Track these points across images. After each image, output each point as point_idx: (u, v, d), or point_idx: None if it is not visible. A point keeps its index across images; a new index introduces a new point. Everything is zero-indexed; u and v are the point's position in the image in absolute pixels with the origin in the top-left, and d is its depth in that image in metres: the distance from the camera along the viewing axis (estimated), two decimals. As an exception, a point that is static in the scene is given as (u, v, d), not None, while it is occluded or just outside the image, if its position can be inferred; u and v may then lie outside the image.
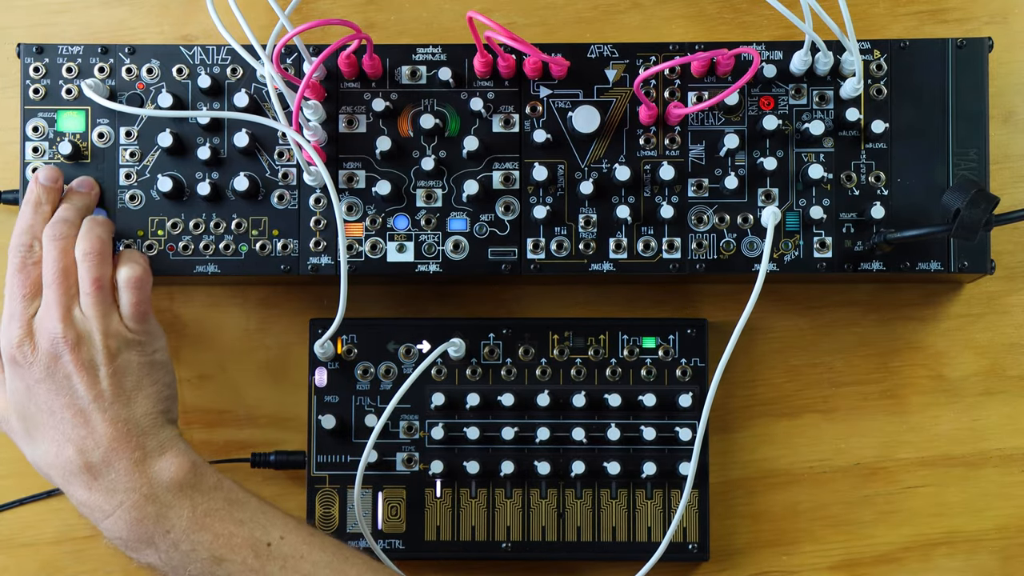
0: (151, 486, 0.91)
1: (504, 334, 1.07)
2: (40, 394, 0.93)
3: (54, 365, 0.92)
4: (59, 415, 0.92)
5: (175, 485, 0.91)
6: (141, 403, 0.94)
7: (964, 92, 1.03)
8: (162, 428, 0.94)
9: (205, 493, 0.92)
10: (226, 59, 1.04)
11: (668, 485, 1.06)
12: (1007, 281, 1.10)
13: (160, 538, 0.90)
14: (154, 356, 0.96)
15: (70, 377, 0.92)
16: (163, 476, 0.91)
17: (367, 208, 1.04)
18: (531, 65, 1.02)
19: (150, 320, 0.97)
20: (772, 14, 1.08)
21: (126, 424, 0.92)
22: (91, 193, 1.01)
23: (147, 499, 0.90)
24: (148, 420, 0.93)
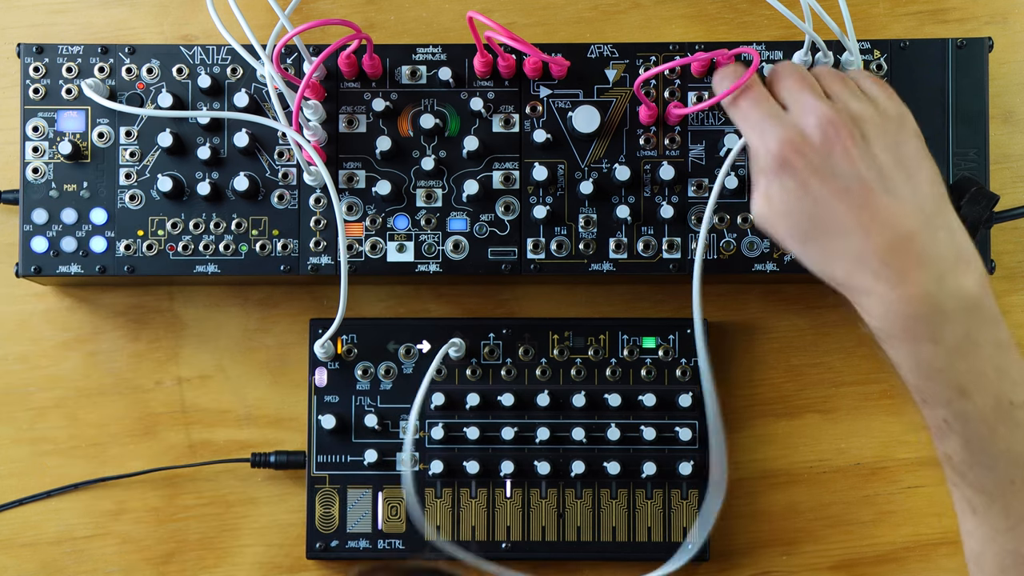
0: (939, 288, 0.80)
1: (504, 334, 1.07)
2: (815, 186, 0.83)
3: (826, 150, 0.83)
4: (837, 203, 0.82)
5: (964, 300, 0.80)
6: (923, 179, 0.84)
7: (964, 92, 1.03)
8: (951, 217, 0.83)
9: (983, 323, 0.81)
10: (226, 59, 1.04)
11: (668, 485, 1.06)
12: (1007, 281, 1.10)
13: (921, 344, 0.81)
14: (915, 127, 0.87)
15: (845, 159, 0.83)
16: (955, 283, 0.81)
17: (367, 208, 1.04)
18: (531, 65, 1.02)
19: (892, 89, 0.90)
20: (772, 14, 1.08)
21: (913, 203, 0.82)
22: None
23: (929, 300, 0.80)
24: (934, 204, 0.83)
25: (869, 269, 0.81)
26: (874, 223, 0.81)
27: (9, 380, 1.11)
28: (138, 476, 1.09)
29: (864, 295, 0.82)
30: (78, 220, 1.04)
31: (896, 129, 0.85)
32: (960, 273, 0.81)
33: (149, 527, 1.10)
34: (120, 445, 1.10)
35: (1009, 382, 0.81)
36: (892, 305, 0.81)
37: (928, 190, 0.84)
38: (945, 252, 0.81)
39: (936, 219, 0.82)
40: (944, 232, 0.82)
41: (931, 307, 0.80)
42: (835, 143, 0.83)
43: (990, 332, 0.81)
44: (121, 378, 1.10)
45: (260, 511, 1.10)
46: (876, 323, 0.82)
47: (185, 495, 1.10)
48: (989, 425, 0.80)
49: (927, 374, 0.81)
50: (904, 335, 0.81)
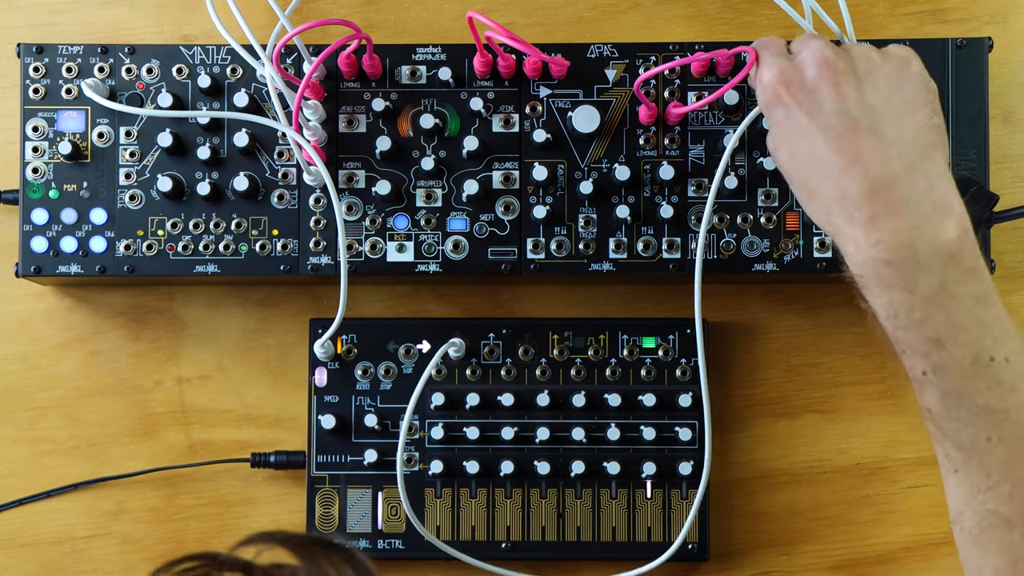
0: (914, 237, 0.79)
1: (504, 334, 1.07)
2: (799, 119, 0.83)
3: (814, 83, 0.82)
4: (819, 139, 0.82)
5: (940, 250, 0.79)
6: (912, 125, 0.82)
7: (964, 92, 1.03)
8: (936, 166, 0.82)
9: (961, 273, 0.79)
10: (226, 59, 1.04)
11: (668, 485, 1.06)
12: (1007, 281, 1.10)
13: (896, 293, 0.79)
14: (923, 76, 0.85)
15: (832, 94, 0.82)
16: (931, 232, 0.79)
17: (367, 208, 1.04)
18: (531, 65, 1.02)
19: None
20: (772, 14, 1.08)
21: (896, 147, 0.81)
22: None
23: (903, 248, 0.79)
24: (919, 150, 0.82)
25: (846, 211, 0.80)
26: (853, 164, 0.80)
27: (9, 380, 1.11)
28: (138, 476, 1.09)
29: (842, 238, 0.81)
30: (78, 220, 1.04)
31: (896, 72, 0.84)
32: (937, 223, 0.79)
33: (149, 527, 1.10)
34: (120, 445, 1.10)
35: (990, 337, 0.79)
36: (866, 250, 0.80)
37: (915, 136, 0.82)
38: (923, 200, 0.80)
39: (919, 166, 0.81)
40: (924, 179, 0.81)
41: (905, 255, 0.79)
42: (825, 78, 0.82)
43: (969, 285, 0.79)
44: (121, 378, 1.10)
45: (260, 511, 1.10)
46: (853, 268, 0.81)
47: (185, 495, 1.10)
48: (966, 379, 0.79)
49: (903, 324, 0.80)
50: (879, 282, 0.80)
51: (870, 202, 0.79)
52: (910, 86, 0.84)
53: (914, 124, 0.83)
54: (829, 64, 0.83)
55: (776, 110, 0.84)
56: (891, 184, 0.80)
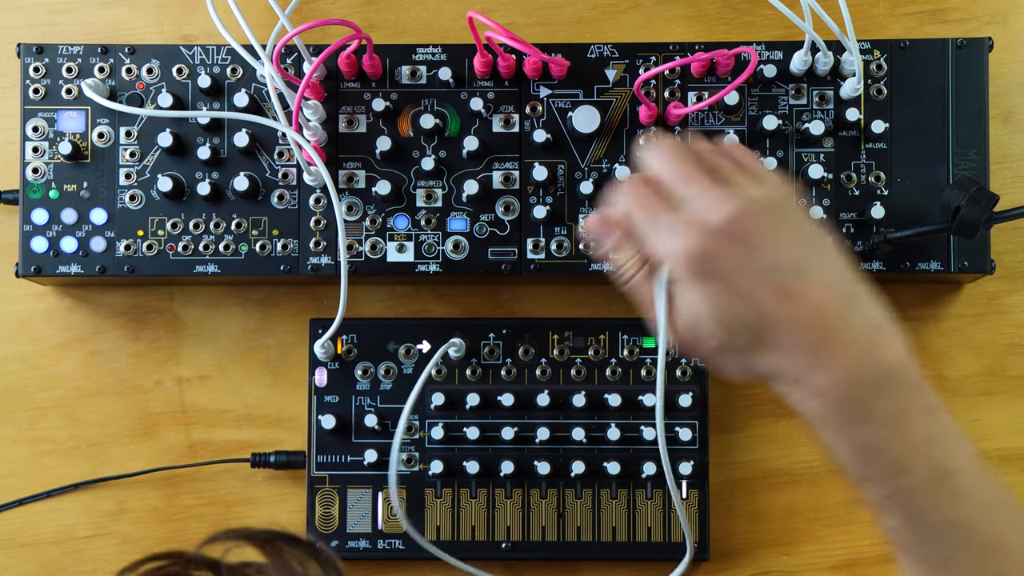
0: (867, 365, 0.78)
1: (504, 334, 1.07)
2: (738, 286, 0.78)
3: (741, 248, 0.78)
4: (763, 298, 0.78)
5: (891, 371, 0.78)
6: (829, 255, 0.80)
7: (964, 92, 1.03)
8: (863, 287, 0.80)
9: (910, 389, 0.79)
10: (226, 59, 1.04)
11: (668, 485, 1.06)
12: (1007, 281, 1.10)
13: (856, 425, 0.78)
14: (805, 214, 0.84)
15: (761, 252, 0.78)
16: (880, 356, 0.78)
17: (367, 208, 1.04)
18: (531, 65, 1.02)
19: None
20: (772, 14, 1.08)
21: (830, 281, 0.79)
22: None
23: (859, 379, 0.77)
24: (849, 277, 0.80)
25: (799, 358, 0.78)
26: (802, 310, 0.78)
27: (9, 380, 1.11)
28: (138, 476, 1.09)
29: (795, 385, 0.79)
30: (78, 220, 1.04)
31: (793, 209, 0.81)
32: (881, 345, 0.79)
33: (149, 527, 1.10)
34: (120, 445, 1.10)
35: (940, 448, 0.79)
36: (824, 391, 0.78)
37: (840, 263, 0.81)
38: (864, 327, 0.79)
39: (847, 293, 0.80)
40: (856, 306, 0.80)
41: (861, 385, 0.78)
42: (752, 239, 0.78)
43: (918, 398, 0.79)
44: (121, 378, 1.10)
45: (260, 511, 1.10)
46: (810, 411, 0.79)
47: (185, 495, 1.10)
48: (928, 497, 0.79)
49: (864, 454, 0.79)
50: (838, 418, 0.78)
51: (824, 344, 0.78)
52: (807, 218, 0.83)
53: (832, 252, 0.81)
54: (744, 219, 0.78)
55: (709, 284, 0.79)
56: (832, 322, 0.78)
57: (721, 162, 0.82)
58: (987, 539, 0.79)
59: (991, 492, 0.80)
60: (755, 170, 0.82)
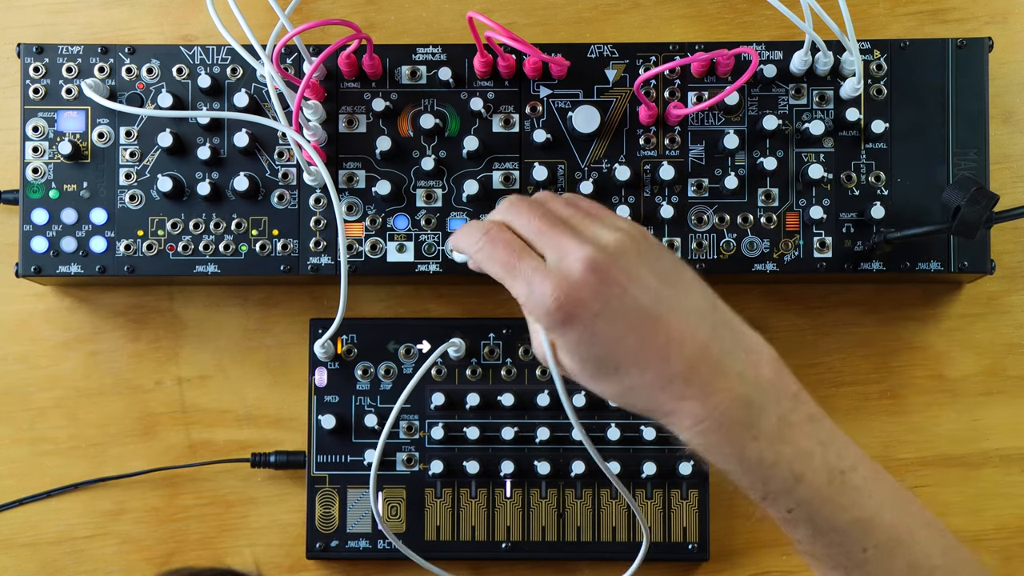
0: (743, 385, 0.79)
1: (504, 334, 1.07)
2: (602, 330, 0.80)
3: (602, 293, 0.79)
4: (628, 338, 0.80)
5: (767, 387, 0.80)
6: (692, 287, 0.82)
7: (964, 92, 1.03)
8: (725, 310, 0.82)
9: (790, 401, 0.80)
10: (226, 59, 1.04)
11: (668, 485, 1.06)
12: (1007, 281, 1.10)
13: (745, 444, 0.79)
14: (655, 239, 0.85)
15: (623, 295, 0.79)
16: (753, 375, 0.80)
17: (367, 208, 1.04)
18: (531, 65, 1.02)
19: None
20: (772, 14, 1.08)
21: (695, 314, 0.80)
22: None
23: (739, 401, 0.79)
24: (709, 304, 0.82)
25: (674, 391, 0.79)
26: (670, 346, 0.79)
27: (9, 380, 1.11)
28: (138, 476, 1.09)
29: (675, 416, 0.80)
30: (78, 220, 1.04)
31: (647, 247, 0.82)
32: (755, 363, 0.80)
33: (149, 527, 1.10)
34: (120, 445, 1.10)
35: (833, 453, 0.80)
36: (706, 419, 0.79)
37: (700, 293, 0.82)
38: (735, 349, 0.80)
39: (716, 319, 0.81)
40: (727, 329, 0.81)
41: (743, 407, 0.79)
42: (609, 283, 0.79)
43: (801, 408, 0.80)
44: (121, 378, 1.11)
45: (260, 511, 1.10)
46: (696, 439, 0.80)
47: (185, 495, 1.10)
48: (828, 500, 0.80)
49: (759, 471, 0.80)
50: (725, 441, 0.79)
51: (697, 374, 0.79)
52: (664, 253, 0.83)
53: (690, 284, 0.82)
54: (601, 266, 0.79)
55: (570, 331, 0.80)
56: (706, 349, 0.79)
57: (571, 213, 0.83)
58: (893, 532, 0.80)
59: (887, 487, 0.82)
60: (603, 217, 0.83)
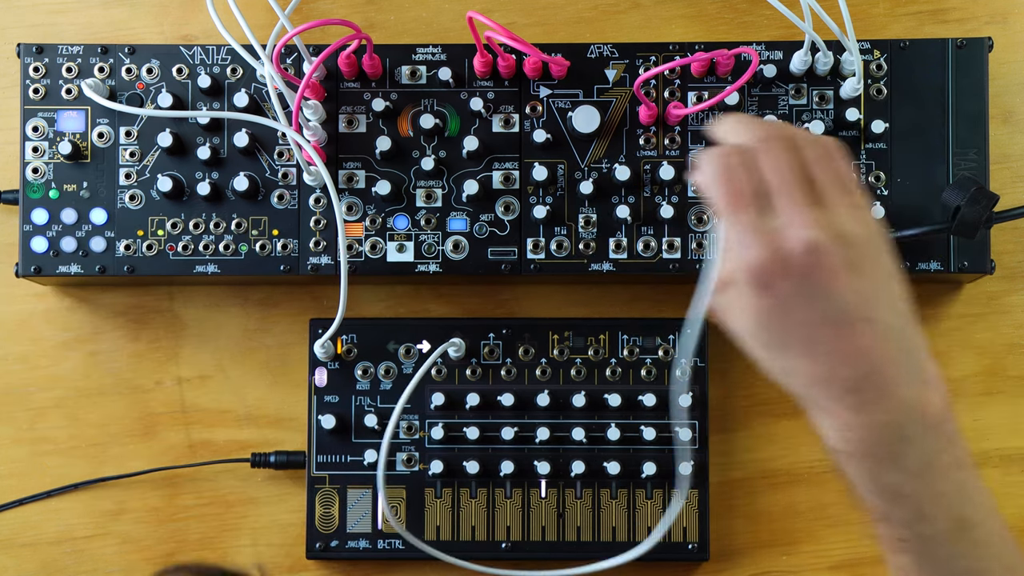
0: (905, 414, 0.77)
1: (504, 334, 1.07)
2: (794, 309, 0.77)
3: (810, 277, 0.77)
4: (816, 329, 0.78)
5: (928, 423, 0.78)
6: (895, 302, 0.79)
7: (964, 92, 1.03)
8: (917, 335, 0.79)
9: (944, 442, 0.78)
10: (226, 59, 1.04)
11: (668, 485, 1.06)
12: (1007, 281, 1.10)
13: (883, 468, 0.78)
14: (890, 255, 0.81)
15: (829, 287, 0.77)
16: (920, 407, 0.78)
17: (367, 208, 1.04)
18: (531, 65, 1.02)
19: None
20: (772, 14, 1.08)
21: (887, 330, 0.78)
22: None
23: (894, 426, 0.77)
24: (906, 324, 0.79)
25: (834, 392, 0.78)
26: (848, 353, 0.77)
27: (9, 380, 1.11)
28: (138, 476, 1.09)
29: (825, 414, 0.79)
30: (78, 220, 1.04)
31: (877, 252, 0.80)
32: (925, 397, 0.78)
33: (149, 527, 1.10)
34: (120, 445, 1.10)
35: (969, 503, 0.79)
36: (855, 430, 0.78)
37: (901, 310, 0.80)
38: (912, 376, 0.78)
39: (906, 341, 0.79)
40: (909, 356, 0.79)
41: (895, 433, 0.78)
42: (822, 271, 0.77)
43: (950, 452, 0.79)
44: (121, 378, 1.11)
45: (260, 511, 1.10)
46: (836, 444, 0.79)
47: (185, 495, 1.10)
48: (948, 546, 0.79)
49: (888, 497, 0.79)
50: (865, 459, 0.78)
51: (864, 386, 0.77)
52: (887, 259, 0.81)
53: (897, 298, 0.80)
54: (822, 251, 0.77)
55: (763, 297, 0.78)
56: (882, 368, 0.78)
57: (824, 177, 0.80)
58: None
59: (1008, 548, 0.80)
60: (854, 197, 0.80)
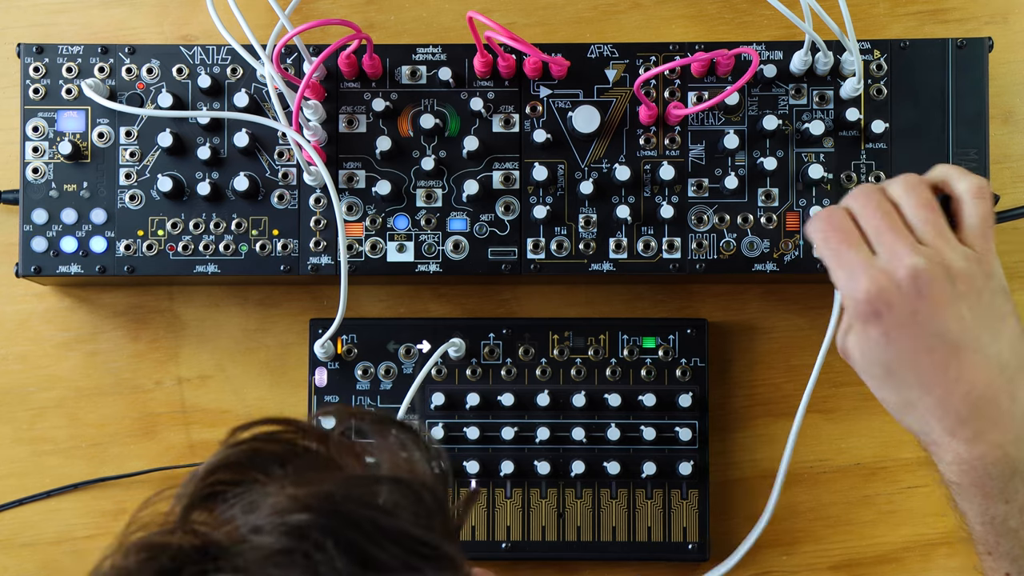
0: (1017, 450, 0.79)
1: (504, 334, 1.07)
2: (900, 339, 0.80)
3: (915, 305, 0.80)
4: (922, 357, 0.80)
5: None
6: (1007, 336, 0.81)
7: (964, 92, 1.03)
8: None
9: None
10: (226, 59, 1.04)
11: (668, 485, 1.06)
12: (1007, 281, 1.10)
13: (993, 502, 0.80)
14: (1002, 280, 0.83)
15: (934, 315, 0.80)
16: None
17: (367, 208, 1.04)
18: (531, 65, 1.02)
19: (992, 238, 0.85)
20: (772, 14, 1.08)
21: (997, 362, 0.80)
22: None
23: (1005, 461, 0.79)
24: (1018, 362, 0.81)
25: (946, 424, 0.80)
26: (957, 382, 0.79)
27: (9, 380, 1.11)
28: (138, 476, 1.09)
29: (940, 448, 0.81)
30: (78, 220, 1.04)
31: (983, 285, 0.82)
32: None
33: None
34: (120, 445, 1.10)
35: None
36: (967, 462, 0.80)
37: (1013, 347, 0.81)
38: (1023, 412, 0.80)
39: (1018, 378, 0.80)
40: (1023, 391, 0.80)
41: (1006, 468, 0.79)
42: (924, 298, 0.79)
43: None
44: (121, 378, 1.11)
45: (260, 511, 1.10)
46: (949, 476, 0.81)
47: (185, 495, 1.10)
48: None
49: (997, 530, 0.81)
50: (976, 491, 0.80)
51: (973, 417, 0.79)
52: (999, 296, 0.82)
53: (1009, 334, 0.81)
54: (925, 279, 0.80)
55: (871, 327, 0.81)
56: (994, 399, 0.79)
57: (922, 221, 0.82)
58: None
59: None
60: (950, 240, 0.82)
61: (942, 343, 0.80)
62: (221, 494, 0.65)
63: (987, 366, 0.80)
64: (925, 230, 0.82)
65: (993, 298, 0.81)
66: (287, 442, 0.67)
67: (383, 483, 0.64)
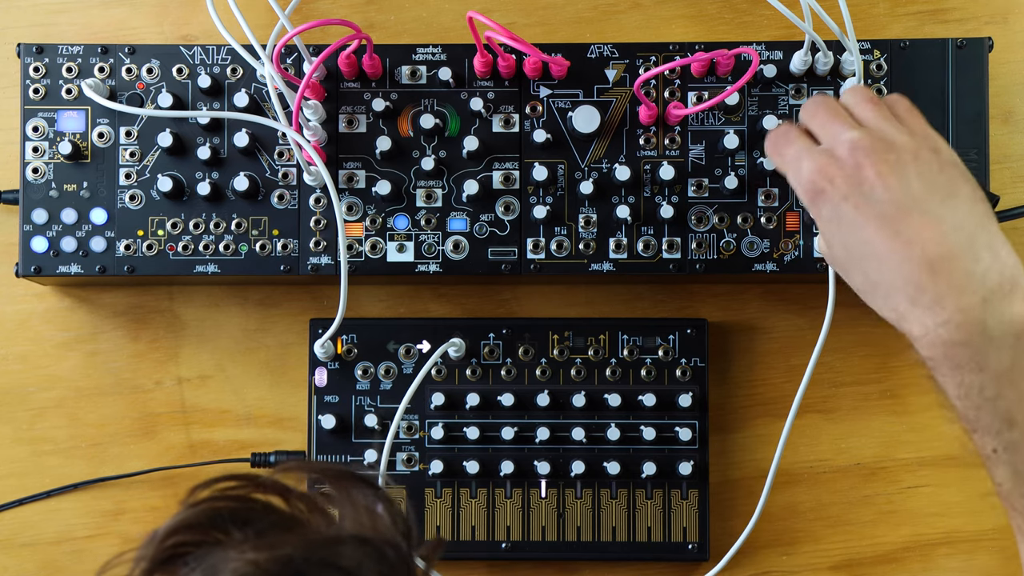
0: (984, 313, 0.76)
1: (504, 334, 1.07)
2: (847, 213, 0.80)
3: (857, 175, 0.79)
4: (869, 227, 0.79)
5: (1012, 325, 0.77)
6: (963, 199, 0.79)
7: (964, 92, 1.03)
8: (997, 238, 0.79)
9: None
10: (226, 59, 1.04)
11: (668, 485, 1.06)
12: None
13: (966, 372, 0.77)
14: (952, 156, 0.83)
15: (877, 182, 0.79)
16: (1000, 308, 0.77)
17: (367, 208, 1.04)
18: (531, 65, 1.02)
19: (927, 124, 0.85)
20: (772, 14, 1.08)
21: (952, 223, 0.78)
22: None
23: (972, 326, 0.76)
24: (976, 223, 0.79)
25: (908, 293, 0.78)
26: (910, 246, 0.78)
27: (9, 380, 1.11)
28: (138, 476, 1.09)
29: (907, 322, 0.79)
30: (78, 220, 1.04)
31: (931, 157, 0.81)
32: (1007, 297, 0.77)
33: (149, 527, 1.09)
34: (120, 445, 1.10)
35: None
36: (933, 331, 0.77)
37: (968, 208, 0.79)
38: (989, 272, 0.77)
39: (978, 237, 0.78)
40: (987, 251, 0.78)
41: (975, 333, 0.76)
42: (865, 167, 0.79)
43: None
44: (121, 378, 1.10)
45: (260, 511, 1.10)
46: (921, 350, 0.79)
47: (185, 495, 1.10)
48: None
49: (974, 403, 0.78)
50: (948, 362, 0.78)
51: (933, 282, 0.77)
52: (949, 169, 0.81)
53: (963, 198, 0.80)
54: (864, 149, 0.80)
55: (822, 207, 0.81)
56: (952, 260, 0.77)
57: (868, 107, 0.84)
58: None
59: None
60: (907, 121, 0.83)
61: (890, 210, 0.79)
62: (181, 556, 0.64)
63: (939, 226, 0.78)
64: (867, 116, 0.83)
65: (943, 168, 0.81)
66: (246, 499, 0.66)
67: (345, 543, 0.63)
